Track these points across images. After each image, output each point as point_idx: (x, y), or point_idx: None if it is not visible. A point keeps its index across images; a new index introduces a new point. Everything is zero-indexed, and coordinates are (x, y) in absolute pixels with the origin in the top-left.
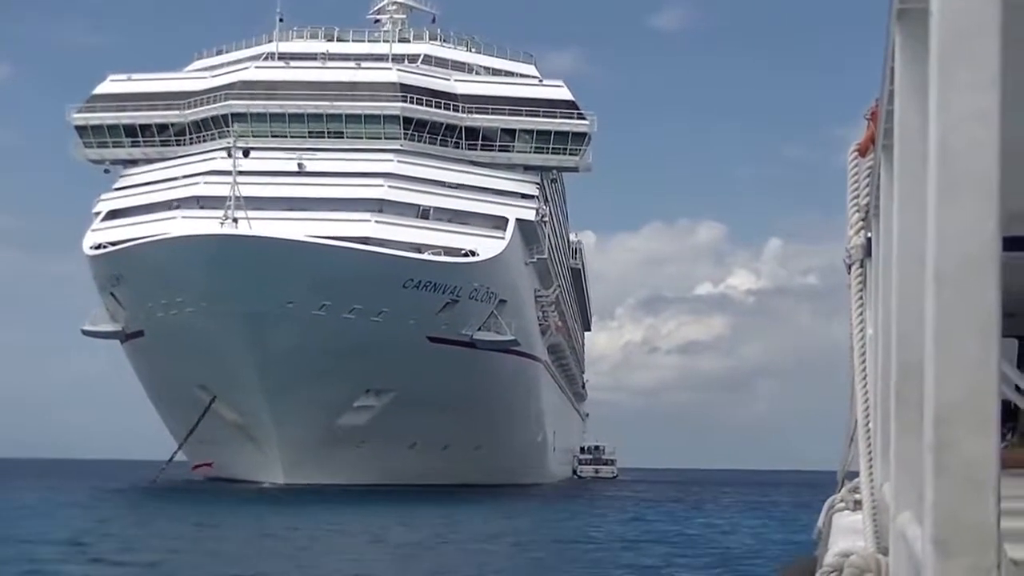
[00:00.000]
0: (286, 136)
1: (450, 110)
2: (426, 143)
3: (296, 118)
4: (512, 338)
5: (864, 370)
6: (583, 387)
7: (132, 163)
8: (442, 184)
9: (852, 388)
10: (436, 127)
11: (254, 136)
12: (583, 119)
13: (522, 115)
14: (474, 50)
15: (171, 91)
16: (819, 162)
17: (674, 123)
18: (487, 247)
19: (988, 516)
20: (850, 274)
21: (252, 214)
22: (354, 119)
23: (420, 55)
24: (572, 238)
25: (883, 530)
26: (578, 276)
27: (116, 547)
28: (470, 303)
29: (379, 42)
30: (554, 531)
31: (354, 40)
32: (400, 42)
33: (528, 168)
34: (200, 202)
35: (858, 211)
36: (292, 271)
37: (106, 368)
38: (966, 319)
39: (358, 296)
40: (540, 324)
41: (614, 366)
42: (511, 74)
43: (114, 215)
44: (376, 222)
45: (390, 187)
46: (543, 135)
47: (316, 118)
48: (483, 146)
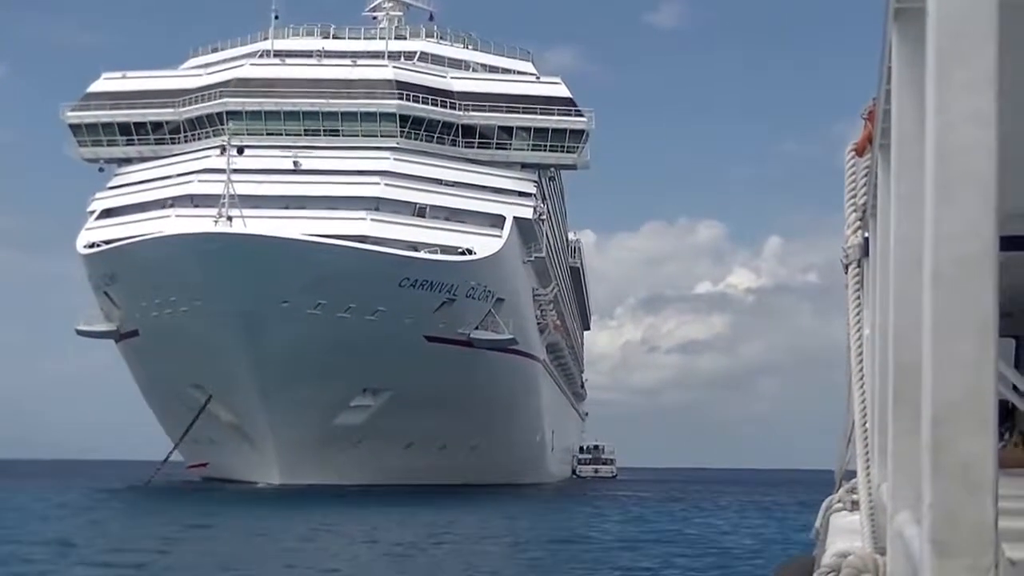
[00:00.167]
0: (281, 134)
1: (447, 107)
2: (422, 141)
3: (291, 116)
4: (510, 337)
5: (861, 370)
6: (582, 386)
7: (127, 161)
8: (439, 182)
9: (849, 388)
10: (432, 124)
11: (249, 134)
12: (581, 116)
13: (519, 112)
14: (471, 47)
15: (166, 89)
16: (819, 159)
17: (673, 121)
18: (484, 245)
19: (986, 516)
20: (847, 274)
21: (247, 212)
22: (350, 117)
23: (416, 52)
24: (571, 237)
25: (881, 530)
26: (577, 275)
27: (105, 548)
28: (467, 302)
29: (375, 39)
30: (551, 531)
31: (350, 37)
32: (396, 39)
33: (525, 166)
34: (195, 200)
35: (855, 211)
36: (287, 270)
37: (102, 368)
38: (963, 319)
39: (354, 295)
40: (538, 323)
41: (614, 365)
42: (508, 71)
43: (108, 214)
44: (372, 220)
45: (386, 185)
46: (540, 132)
47: (312, 116)
48: (480, 144)
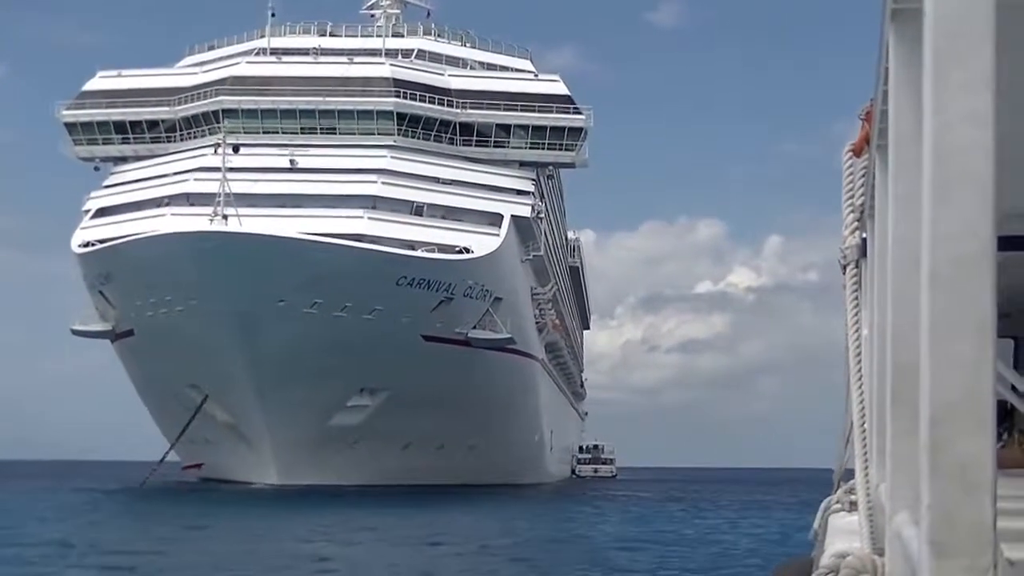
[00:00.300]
0: (278, 132)
1: (444, 105)
2: (420, 139)
3: (288, 114)
4: (508, 336)
5: (860, 371)
6: (582, 386)
7: (122, 160)
8: (436, 180)
9: (847, 389)
10: (430, 123)
11: (245, 132)
12: (579, 114)
13: (517, 110)
14: (469, 45)
15: (161, 87)
16: (819, 158)
17: (673, 120)
18: (482, 244)
19: (984, 516)
20: (845, 275)
21: (243, 211)
22: (347, 115)
23: (414, 50)
24: (570, 235)
25: (879, 531)
26: (576, 274)
27: (93, 551)
28: (465, 301)
29: (372, 37)
30: (550, 532)
31: (347, 35)
32: (393, 37)
33: (523, 164)
34: (190, 199)
35: (853, 211)
36: (283, 268)
37: (99, 368)
38: (961, 319)
39: (351, 294)
40: (537, 322)
41: (614, 365)
42: (506, 69)
43: (103, 213)
44: (369, 219)
45: (383, 183)
46: (539, 130)
47: (308, 114)
48: (478, 142)
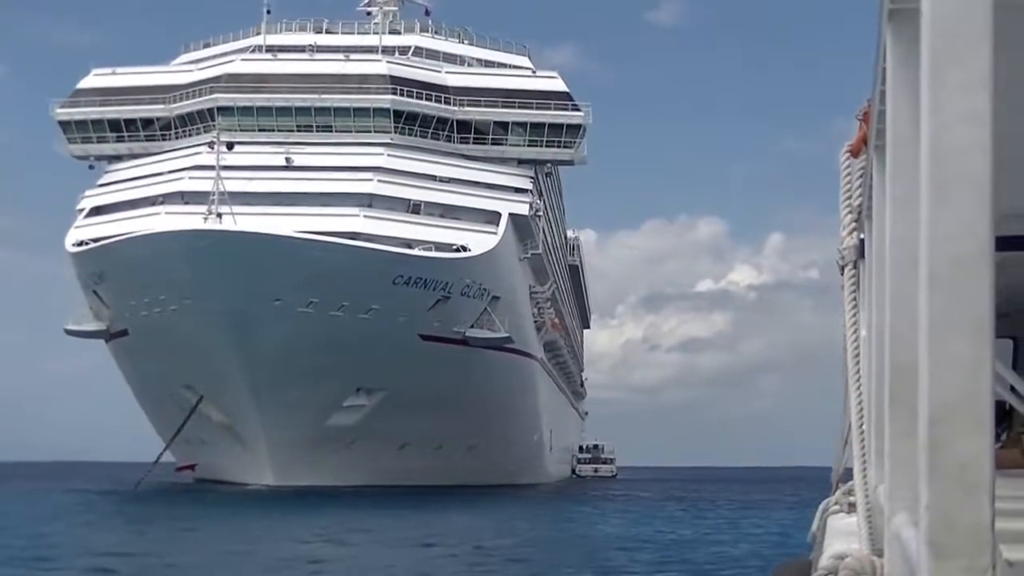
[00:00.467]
0: (273, 130)
1: (441, 103)
2: (417, 136)
3: (283, 111)
4: (506, 335)
5: (858, 372)
6: (582, 385)
7: (117, 159)
8: (433, 178)
9: (846, 390)
10: (427, 120)
11: (240, 130)
12: (578, 111)
13: (515, 107)
14: (466, 42)
15: (156, 85)
16: (819, 156)
17: (673, 119)
18: (479, 242)
19: (983, 517)
20: (843, 275)
21: (238, 209)
22: (343, 112)
23: (411, 47)
24: (569, 234)
25: (878, 532)
26: (576, 273)
27: (85, 552)
28: (462, 299)
29: (369, 34)
30: (547, 532)
31: (343, 32)
32: (390, 34)
33: (522, 161)
34: (185, 198)
35: (851, 212)
36: (278, 267)
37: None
38: (959, 319)
39: (347, 293)
40: (535, 321)
41: (614, 364)
42: (504, 66)
43: (98, 211)
44: (365, 217)
45: (380, 181)
46: (537, 127)
47: (304, 111)
48: (475, 139)
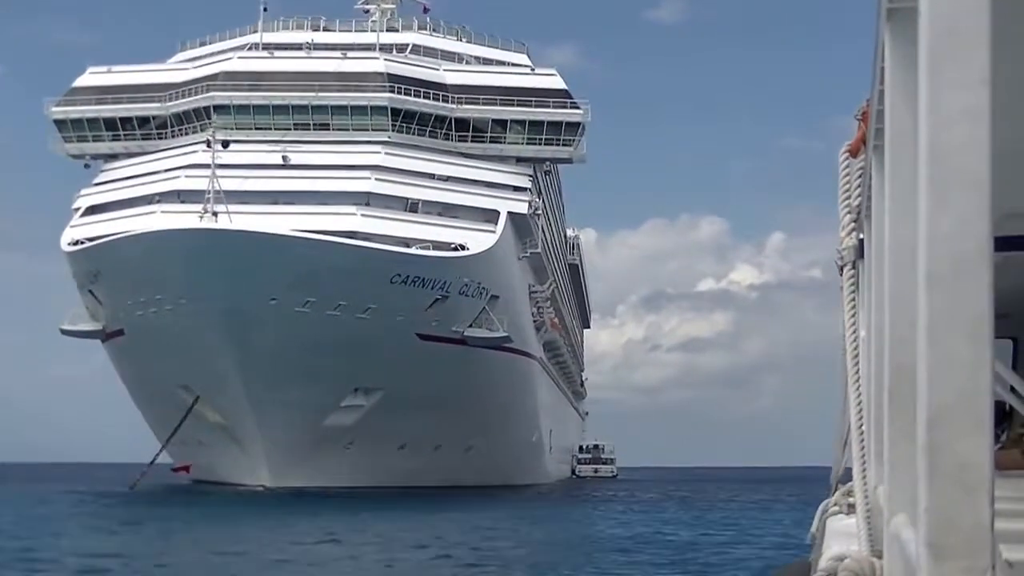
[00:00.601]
0: (270, 128)
1: (439, 100)
2: (414, 134)
3: (280, 109)
4: (504, 335)
5: (857, 373)
6: (582, 385)
7: (113, 157)
8: (431, 176)
9: (845, 391)
10: (425, 118)
11: (237, 128)
12: (577, 108)
13: (514, 105)
14: (464, 39)
15: (152, 83)
16: (821, 155)
17: (673, 118)
18: (478, 241)
19: (982, 518)
20: (842, 276)
21: (235, 208)
22: (340, 110)
23: (408, 44)
24: (569, 233)
25: (877, 533)
26: (576, 272)
27: (68, 554)
28: (460, 299)
29: (366, 32)
30: (546, 533)
31: (341, 30)
32: (388, 31)
33: (520, 160)
34: (181, 196)
35: (849, 212)
36: (274, 266)
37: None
38: (958, 319)
39: (344, 292)
40: (535, 320)
41: (616, 364)
42: (502, 63)
43: (94, 210)
44: (363, 216)
45: (377, 180)
46: (535, 125)
47: (301, 109)
48: (474, 137)
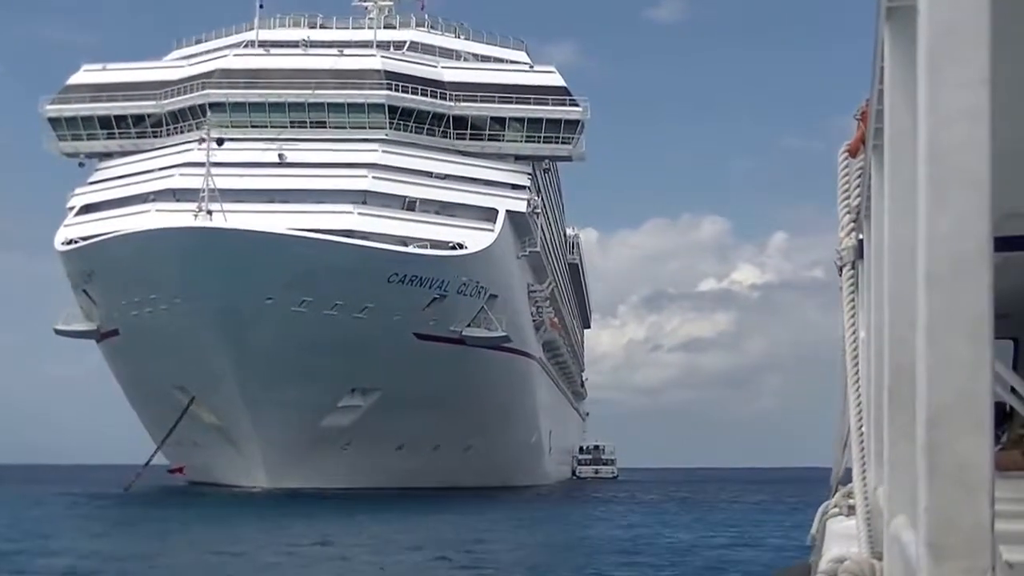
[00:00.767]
0: (266, 126)
1: (437, 98)
2: (412, 132)
3: (276, 107)
4: (503, 334)
5: (856, 373)
6: (582, 386)
7: (107, 156)
8: (429, 175)
9: (844, 392)
10: (422, 116)
11: (233, 126)
12: (576, 106)
13: (512, 102)
14: (462, 36)
15: (147, 81)
16: (823, 154)
17: (674, 117)
18: (476, 240)
19: (982, 519)
20: (842, 276)
21: (230, 206)
22: (337, 108)
23: (406, 42)
24: (569, 232)
25: (877, 535)
26: (576, 271)
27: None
28: (459, 298)
29: (363, 29)
30: (544, 535)
31: (338, 27)
32: (385, 28)
33: (519, 158)
34: (176, 195)
35: (849, 212)
36: (270, 265)
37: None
38: (958, 320)
39: (341, 291)
40: (534, 320)
41: (617, 365)
42: (501, 60)
43: (88, 209)
44: (360, 214)
45: (374, 178)
46: (534, 123)
47: (297, 107)
48: (472, 135)
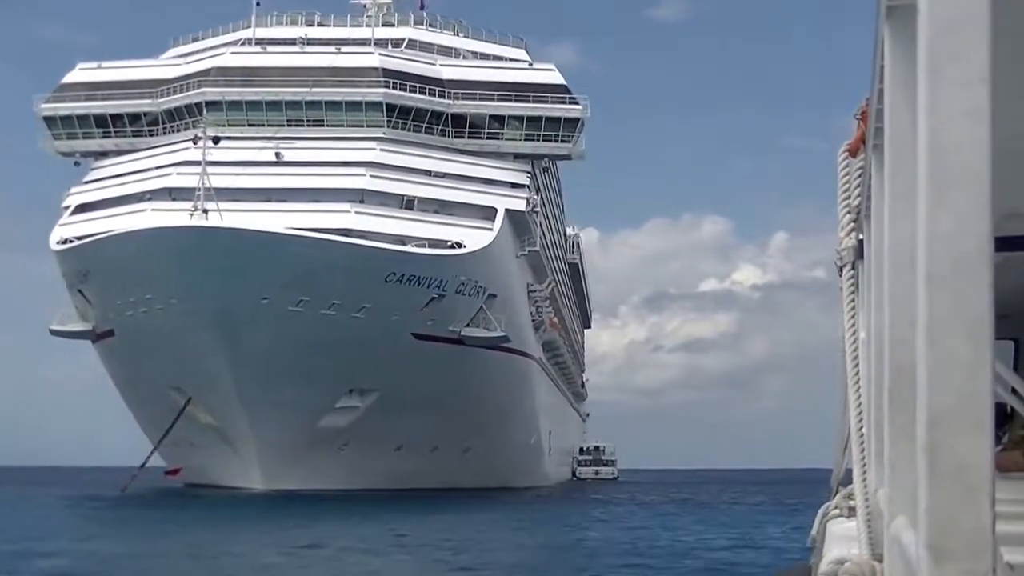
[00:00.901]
0: (263, 124)
1: (435, 96)
2: (410, 130)
3: (273, 105)
4: (502, 334)
5: (857, 374)
6: (583, 386)
7: (103, 155)
8: (427, 173)
9: (845, 392)
10: (421, 114)
11: (229, 124)
12: (575, 104)
13: (511, 100)
14: (461, 34)
15: (143, 79)
16: (825, 153)
17: (675, 116)
18: (475, 239)
19: (983, 520)
20: (842, 276)
21: (227, 205)
22: (334, 106)
23: (404, 39)
24: (569, 231)
25: (878, 536)
26: (576, 271)
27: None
28: (457, 298)
29: (361, 26)
30: (543, 536)
31: (335, 25)
32: (383, 26)
33: (518, 156)
34: (172, 194)
35: (849, 212)
36: (266, 265)
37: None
38: (958, 320)
39: (338, 291)
40: (533, 320)
41: (617, 365)
42: (500, 58)
43: (83, 209)
44: (357, 213)
45: (372, 176)
46: (533, 121)
47: (294, 105)
48: (470, 133)
